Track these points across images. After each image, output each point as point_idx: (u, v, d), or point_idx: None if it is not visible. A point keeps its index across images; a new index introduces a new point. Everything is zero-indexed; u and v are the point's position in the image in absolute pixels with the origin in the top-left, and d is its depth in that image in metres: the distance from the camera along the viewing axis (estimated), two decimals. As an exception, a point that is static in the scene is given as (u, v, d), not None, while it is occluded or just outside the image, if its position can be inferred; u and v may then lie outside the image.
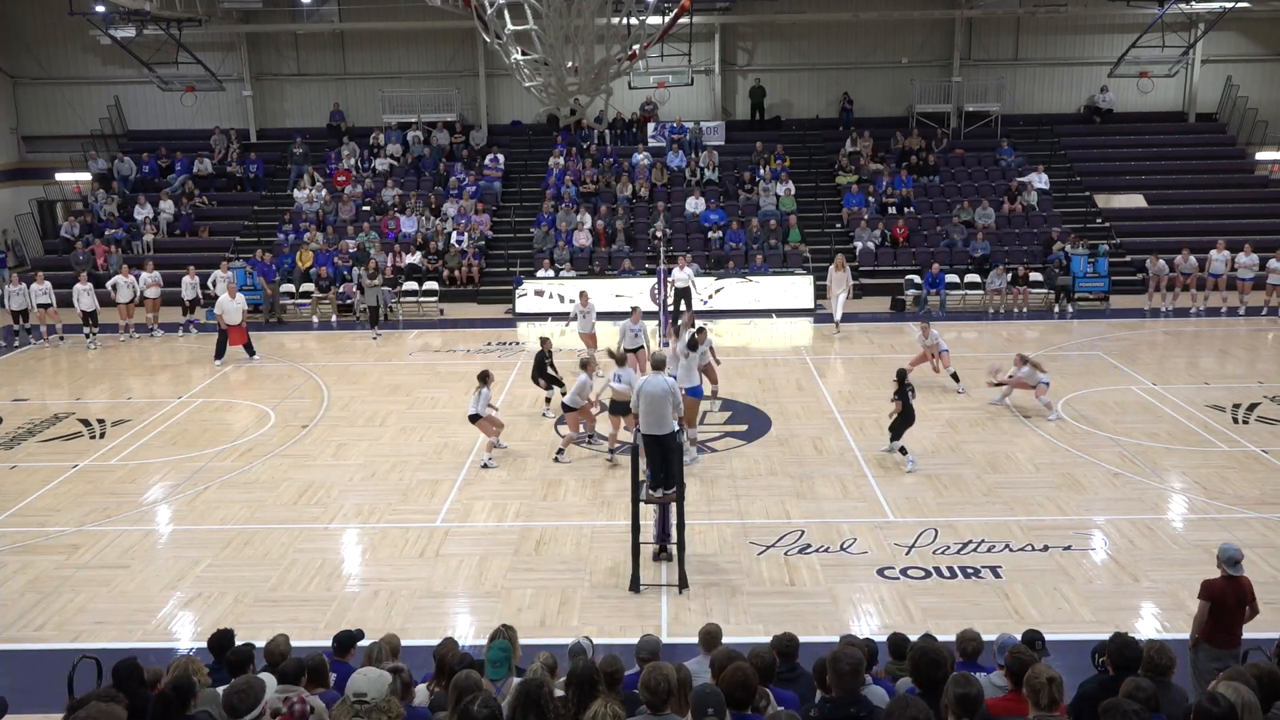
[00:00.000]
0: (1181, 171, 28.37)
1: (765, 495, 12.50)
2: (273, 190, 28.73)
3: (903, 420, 13.38)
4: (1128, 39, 27.90)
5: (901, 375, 13.49)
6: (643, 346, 16.63)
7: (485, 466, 13.62)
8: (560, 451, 14.02)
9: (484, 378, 13.77)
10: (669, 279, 21.84)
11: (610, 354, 14.59)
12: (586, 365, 14.12)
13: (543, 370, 15.72)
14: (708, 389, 15.49)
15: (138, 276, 21.82)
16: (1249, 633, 7.42)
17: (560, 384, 15.59)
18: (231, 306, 19.43)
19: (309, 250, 24.89)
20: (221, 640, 6.74)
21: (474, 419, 13.73)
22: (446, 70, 30.61)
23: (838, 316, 21.17)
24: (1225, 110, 30.07)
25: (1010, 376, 15.67)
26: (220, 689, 5.37)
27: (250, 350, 19.75)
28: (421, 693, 6.06)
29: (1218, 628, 7.36)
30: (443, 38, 30.17)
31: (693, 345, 14.05)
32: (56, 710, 5.88)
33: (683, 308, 20.91)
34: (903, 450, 13.40)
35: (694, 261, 23.39)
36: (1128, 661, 5.48)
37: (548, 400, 15.91)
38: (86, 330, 21.01)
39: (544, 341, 15.92)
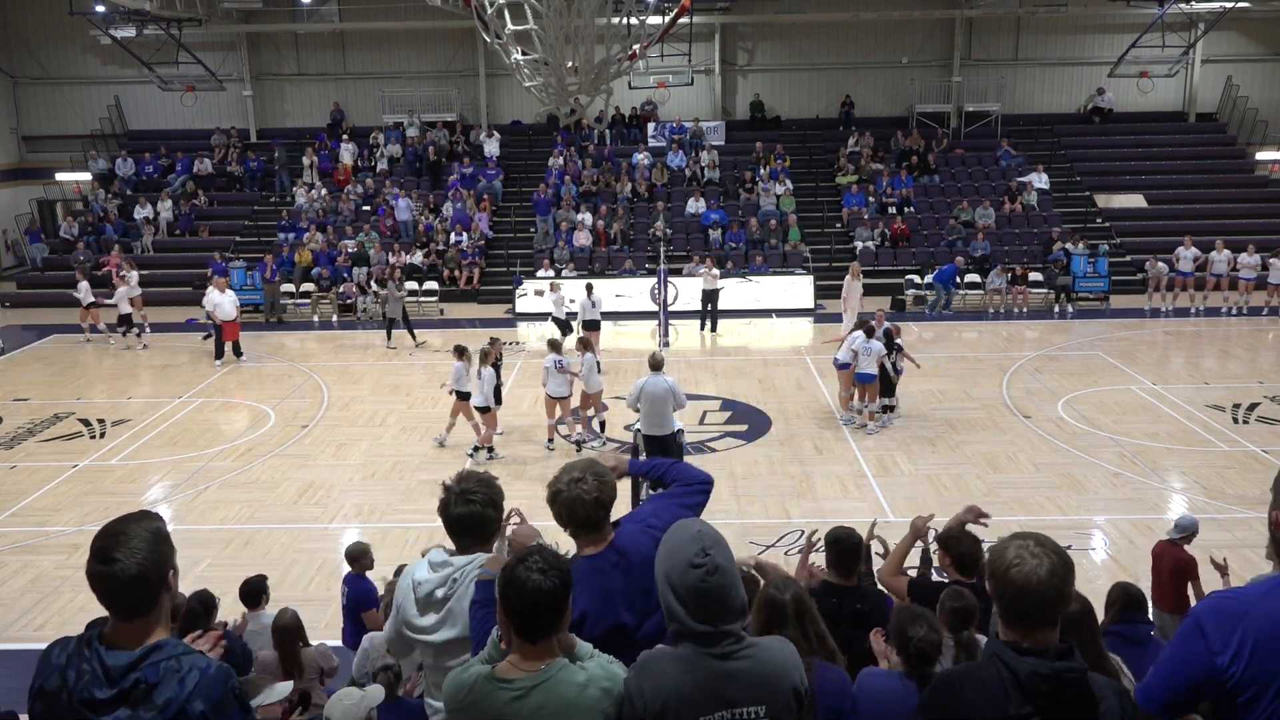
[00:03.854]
0: (1181, 171, 28.36)
1: (765, 495, 12.50)
2: (272, 190, 28.72)
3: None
4: (1128, 39, 27.91)
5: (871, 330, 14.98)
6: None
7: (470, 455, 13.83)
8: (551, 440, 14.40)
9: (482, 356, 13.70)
10: (699, 278, 21.90)
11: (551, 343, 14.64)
12: (586, 345, 14.38)
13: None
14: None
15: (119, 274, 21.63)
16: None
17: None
18: (224, 301, 19.29)
19: (308, 250, 24.89)
20: (251, 587, 7.34)
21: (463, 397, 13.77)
22: (446, 70, 30.62)
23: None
24: (1225, 110, 30.06)
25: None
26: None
27: (238, 351, 19.58)
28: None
29: (1160, 592, 7.89)
30: (443, 38, 30.17)
31: (869, 332, 14.43)
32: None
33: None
34: (883, 408, 14.72)
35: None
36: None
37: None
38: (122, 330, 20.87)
39: (493, 343, 14.53)
